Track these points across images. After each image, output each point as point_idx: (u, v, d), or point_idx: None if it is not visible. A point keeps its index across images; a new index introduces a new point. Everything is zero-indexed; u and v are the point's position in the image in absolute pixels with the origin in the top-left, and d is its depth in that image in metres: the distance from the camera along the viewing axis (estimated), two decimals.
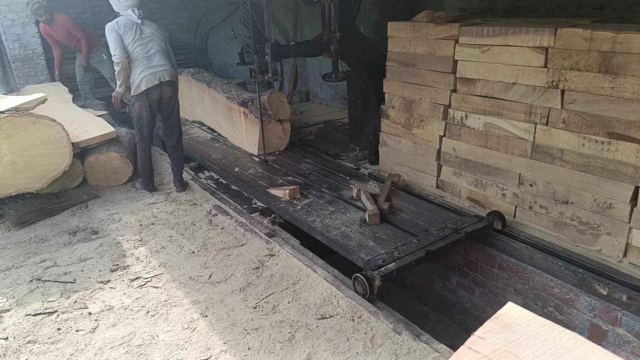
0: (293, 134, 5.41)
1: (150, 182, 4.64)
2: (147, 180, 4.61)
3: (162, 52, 4.17)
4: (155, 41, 4.14)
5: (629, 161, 2.71)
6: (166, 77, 4.14)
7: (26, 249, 3.67)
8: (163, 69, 4.13)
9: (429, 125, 3.86)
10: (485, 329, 0.77)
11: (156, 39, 4.15)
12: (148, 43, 4.11)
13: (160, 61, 4.14)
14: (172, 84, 4.24)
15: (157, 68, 4.11)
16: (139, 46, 4.07)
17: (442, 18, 3.52)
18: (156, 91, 4.16)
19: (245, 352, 2.50)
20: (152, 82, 4.09)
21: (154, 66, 4.10)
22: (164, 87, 4.17)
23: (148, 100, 4.16)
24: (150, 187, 4.64)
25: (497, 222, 3.32)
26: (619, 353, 2.61)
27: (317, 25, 6.58)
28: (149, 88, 4.10)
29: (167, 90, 4.21)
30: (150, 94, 4.15)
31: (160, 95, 4.20)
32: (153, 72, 4.09)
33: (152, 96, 4.16)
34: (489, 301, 3.49)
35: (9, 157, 4.05)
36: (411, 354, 2.37)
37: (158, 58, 4.13)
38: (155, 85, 4.11)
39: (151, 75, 4.08)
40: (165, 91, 4.20)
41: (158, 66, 4.11)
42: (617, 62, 2.66)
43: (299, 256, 3.28)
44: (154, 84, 4.09)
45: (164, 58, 4.17)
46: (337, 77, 4.66)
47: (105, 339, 2.65)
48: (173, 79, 4.23)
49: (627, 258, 2.87)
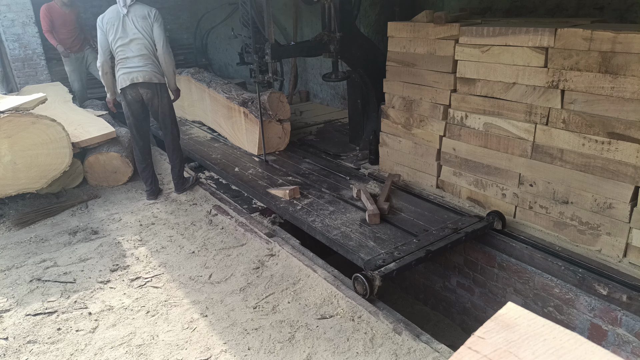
0: (293, 134, 5.41)
1: (148, 186, 4.42)
2: (144, 182, 4.46)
3: (143, 54, 3.97)
4: (137, 42, 3.94)
5: (629, 161, 2.71)
6: (139, 78, 3.97)
7: (26, 249, 3.67)
8: (138, 70, 3.97)
9: (429, 125, 3.86)
10: (485, 329, 0.77)
11: (139, 39, 3.94)
12: (129, 44, 3.96)
13: (138, 62, 3.97)
14: (150, 86, 4.03)
15: (132, 69, 3.97)
16: (120, 47, 3.97)
17: (442, 18, 3.52)
18: (132, 92, 4.03)
19: (245, 352, 2.50)
20: (125, 83, 3.98)
21: (129, 67, 3.97)
22: (141, 88, 4.02)
23: (126, 100, 4.07)
24: (148, 192, 4.44)
25: (497, 222, 3.32)
26: (619, 353, 2.61)
27: (317, 25, 6.58)
28: (123, 88, 4.00)
29: (144, 92, 4.05)
30: (126, 94, 4.04)
31: (142, 96, 4.07)
32: (127, 72, 3.97)
33: (129, 97, 4.05)
34: (489, 301, 3.49)
35: (9, 157, 4.05)
36: (411, 354, 2.37)
37: (137, 60, 3.97)
38: (129, 85, 3.98)
39: (125, 75, 3.98)
40: (143, 93, 4.05)
41: (134, 67, 3.96)
42: (617, 62, 2.66)
43: (299, 256, 3.28)
44: (126, 84, 3.98)
45: (143, 60, 3.98)
46: (337, 77, 4.66)
47: (105, 339, 2.65)
48: (151, 80, 4.01)
49: (627, 258, 2.87)
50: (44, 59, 7.31)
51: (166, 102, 4.19)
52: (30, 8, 7.07)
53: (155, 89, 4.09)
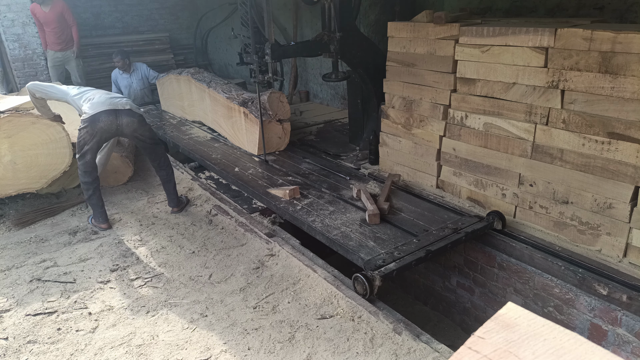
0: (293, 134, 5.41)
1: (102, 215, 3.94)
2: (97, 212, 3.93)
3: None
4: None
5: (629, 161, 2.71)
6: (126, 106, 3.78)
7: (26, 249, 3.67)
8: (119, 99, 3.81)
9: (429, 125, 3.86)
10: (485, 329, 0.77)
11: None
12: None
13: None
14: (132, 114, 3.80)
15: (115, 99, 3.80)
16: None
17: (442, 18, 3.52)
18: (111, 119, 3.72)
19: (245, 352, 2.50)
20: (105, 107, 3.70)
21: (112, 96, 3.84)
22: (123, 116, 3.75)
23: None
24: (106, 223, 3.92)
25: (497, 222, 3.32)
26: (619, 353, 2.61)
27: (317, 25, 6.58)
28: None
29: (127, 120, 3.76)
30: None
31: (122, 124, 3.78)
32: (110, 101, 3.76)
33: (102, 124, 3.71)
34: (489, 301, 3.49)
35: (9, 157, 4.05)
36: (411, 354, 2.37)
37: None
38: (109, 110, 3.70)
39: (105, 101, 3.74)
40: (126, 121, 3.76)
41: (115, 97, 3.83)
42: (617, 62, 2.66)
43: (299, 256, 3.28)
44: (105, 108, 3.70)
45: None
46: (337, 77, 4.66)
47: (105, 339, 2.65)
48: (133, 109, 3.83)
49: (627, 258, 2.87)
50: (44, 59, 7.31)
51: (147, 131, 3.99)
52: None
53: (137, 117, 3.89)
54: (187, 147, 5.52)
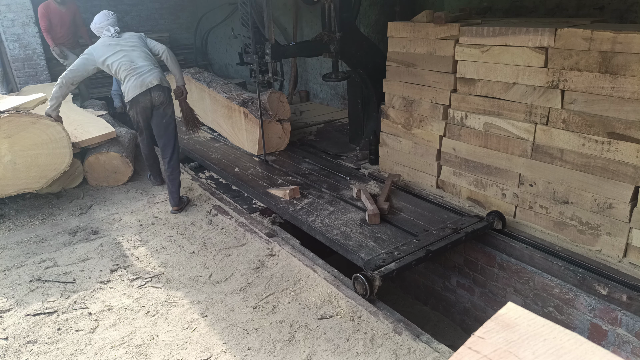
0: (293, 134, 5.41)
1: (159, 175, 4.75)
2: (154, 173, 4.76)
3: (148, 60, 4.03)
4: (139, 51, 4.03)
5: (629, 161, 2.71)
6: (154, 81, 3.95)
7: (26, 249, 3.67)
8: (150, 73, 3.97)
9: (429, 125, 3.86)
10: (485, 329, 0.77)
11: (139, 48, 4.05)
12: (131, 54, 3.98)
13: (147, 67, 3.98)
14: (162, 89, 4.03)
15: (144, 74, 3.94)
16: (124, 62, 3.94)
17: (442, 18, 3.52)
18: (144, 99, 3.97)
19: (245, 352, 2.50)
20: (138, 90, 3.92)
21: (139, 72, 3.94)
22: (153, 92, 3.98)
23: (137, 108, 4.02)
24: (160, 180, 4.76)
25: (497, 222, 3.32)
26: (619, 353, 2.61)
27: (317, 25, 6.58)
28: (136, 96, 3.94)
29: (157, 96, 4.00)
30: (138, 102, 3.99)
31: (151, 102, 4.01)
32: (139, 78, 3.93)
33: (141, 105, 4.00)
34: (489, 301, 3.49)
35: (9, 157, 4.05)
36: (411, 354, 2.36)
37: (147, 65, 3.99)
38: (142, 93, 3.93)
39: (136, 82, 3.93)
40: (155, 97, 4.00)
41: (145, 72, 3.95)
42: (617, 62, 2.66)
43: (299, 256, 3.28)
44: (140, 91, 3.92)
45: (150, 64, 4.02)
46: (337, 77, 4.66)
47: (105, 339, 2.65)
48: (162, 83, 4.02)
49: (627, 258, 2.87)
50: (44, 59, 7.31)
51: (172, 109, 4.17)
52: (30, 8, 7.08)
53: (166, 92, 4.11)
54: (187, 147, 5.52)
